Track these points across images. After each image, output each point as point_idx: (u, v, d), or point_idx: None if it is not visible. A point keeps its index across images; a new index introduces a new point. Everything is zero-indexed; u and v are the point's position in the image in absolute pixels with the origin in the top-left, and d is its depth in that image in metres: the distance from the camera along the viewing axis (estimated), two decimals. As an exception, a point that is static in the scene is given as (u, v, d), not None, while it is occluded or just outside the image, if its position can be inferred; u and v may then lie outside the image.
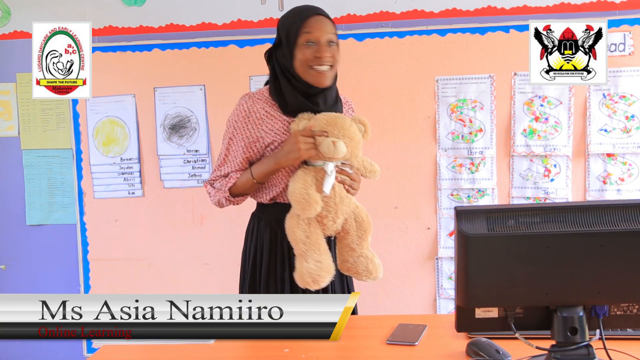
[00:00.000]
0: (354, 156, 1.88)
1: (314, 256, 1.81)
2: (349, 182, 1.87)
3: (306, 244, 1.82)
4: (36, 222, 3.12)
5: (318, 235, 1.84)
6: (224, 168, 1.95)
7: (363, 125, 1.90)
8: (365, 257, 1.90)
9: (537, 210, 1.28)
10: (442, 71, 2.84)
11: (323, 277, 1.80)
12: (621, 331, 1.50)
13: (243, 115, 1.90)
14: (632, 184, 2.76)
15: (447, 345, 1.52)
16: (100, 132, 3.05)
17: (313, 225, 1.83)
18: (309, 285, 1.80)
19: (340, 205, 1.86)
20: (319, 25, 1.85)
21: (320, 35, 1.84)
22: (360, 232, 1.91)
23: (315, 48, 1.84)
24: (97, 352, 1.60)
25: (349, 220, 1.90)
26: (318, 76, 1.85)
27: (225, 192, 1.92)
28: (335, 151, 1.80)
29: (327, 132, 1.82)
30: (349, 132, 1.83)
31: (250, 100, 1.92)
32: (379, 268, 1.92)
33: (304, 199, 1.78)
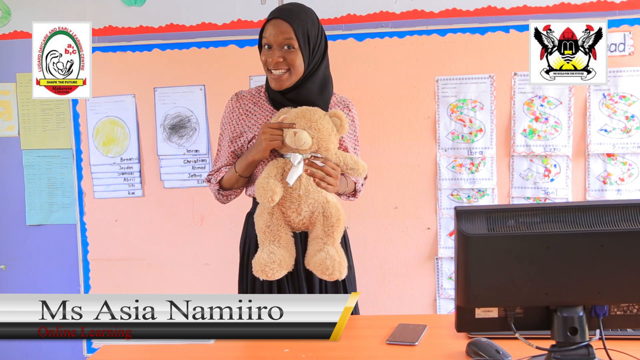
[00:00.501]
0: (324, 148, 1.86)
1: (269, 247, 1.82)
2: (320, 175, 1.85)
3: (265, 233, 1.84)
4: (36, 222, 3.12)
5: (279, 227, 1.84)
6: (217, 164, 2.06)
7: (338, 118, 1.87)
8: (325, 252, 1.82)
9: (537, 210, 1.28)
10: (442, 71, 2.84)
11: (272, 268, 1.79)
12: (621, 331, 1.50)
13: (229, 112, 2.03)
14: (632, 184, 2.76)
15: (447, 345, 1.52)
16: (100, 132, 3.05)
17: (276, 216, 1.85)
18: (259, 274, 1.81)
19: (305, 198, 1.84)
20: (274, 29, 1.88)
21: (273, 40, 1.88)
22: (327, 227, 1.85)
23: (270, 52, 1.90)
24: (97, 352, 1.60)
25: (316, 213, 1.87)
26: (274, 80, 1.91)
27: (215, 186, 2.02)
28: (297, 141, 1.80)
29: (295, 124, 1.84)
30: (317, 123, 1.83)
31: (235, 97, 2.04)
32: (338, 266, 1.81)
33: (262, 187, 1.79)
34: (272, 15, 1.91)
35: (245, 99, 2.02)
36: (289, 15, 1.89)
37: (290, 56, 1.88)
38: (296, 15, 1.90)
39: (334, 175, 1.88)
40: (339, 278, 1.84)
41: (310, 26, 1.92)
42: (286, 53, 1.87)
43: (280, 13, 1.90)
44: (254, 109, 2.00)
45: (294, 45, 1.87)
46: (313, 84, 1.94)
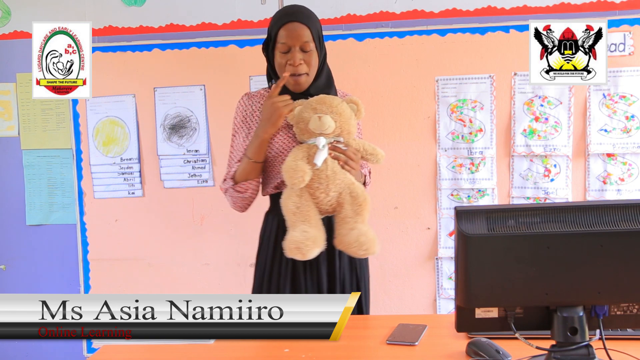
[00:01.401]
0: (346, 132, 1.92)
1: (301, 226, 1.84)
2: (344, 158, 1.90)
3: (295, 214, 1.86)
4: (36, 222, 3.12)
5: (309, 208, 1.87)
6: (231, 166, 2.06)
7: (355, 104, 1.95)
8: (357, 230, 1.86)
9: (537, 210, 1.28)
10: (442, 71, 2.84)
11: (308, 246, 1.81)
12: (621, 331, 1.50)
13: (241, 110, 2.07)
14: (632, 184, 2.76)
15: (447, 345, 1.52)
16: (100, 132, 3.05)
17: (305, 197, 1.88)
18: (294, 254, 1.82)
19: (333, 178, 1.88)
20: (292, 33, 1.92)
21: (293, 44, 1.92)
22: (355, 206, 1.90)
23: (288, 55, 1.93)
24: (97, 352, 1.60)
25: (343, 194, 1.91)
26: (296, 83, 1.95)
27: (229, 182, 2.01)
28: (322, 125, 1.86)
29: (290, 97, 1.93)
30: (338, 108, 1.90)
31: (246, 97, 2.08)
32: (373, 241, 1.87)
33: (292, 169, 1.84)
34: (287, 18, 1.94)
35: (256, 98, 2.06)
36: (304, 18, 1.94)
37: (308, 58, 1.94)
38: (309, 17, 1.96)
39: (355, 159, 1.93)
40: (373, 253, 1.89)
41: (319, 26, 1.99)
42: (305, 55, 1.93)
43: (295, 16, 1.94)
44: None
45: (311, 47, 1.94)
46: (321, 80, 2.01)
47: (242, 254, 2.99)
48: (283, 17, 1.96)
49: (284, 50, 1.94)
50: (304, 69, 1.93)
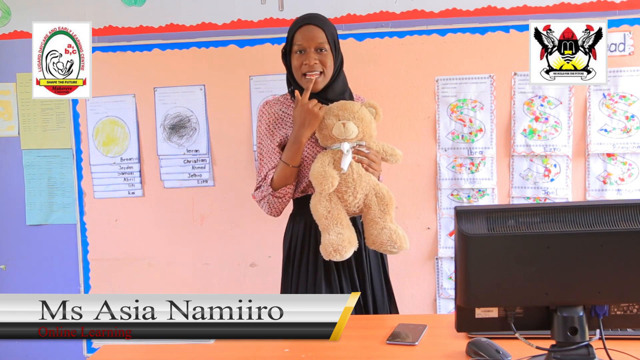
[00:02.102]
0: (368, 136, 2.03)
1: (335, 229, 1.93)
2: (367, 161, 2.00)
3: (328, 218, 1.94)
4: (36, 222, 3.12)
5: (340, 211, 1.96)
6: (262, 172, 2.10)
7: (373, 108, 2.07)
8: (388, 229, 1.98)
9: (537, 210, 1.28)
10: (442, 71, 2.84)
11: (344, 246, 1.91)
12: (621, 331, 1.50)
13: (264, 119, 2.12)
14: (632, 184, 2.76)
15: (447, 345, 1.52)
16: (100, 132, 3.05)
17: (334, 201, 1.96)
18: (331, 255, 1.90)
19: (359, 181, 1.97)
20: (307, 34, 2.03)
21: (308, 45, 2.03)
22: (382, 206, 2.00)
23: (304, 56, 2.03)
24: (97, 352, 1.60)
25: (369, 195, 2.00)
26: (309, 83, 2.03)
27: (268, 189, 2.06)
28: (346, 131, 1.96)
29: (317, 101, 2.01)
30: (359, 114, 2.00)
31: (267, 106, 2.14)
32: (403, 239, 1.99)
33: (321, 175, 1.92)
34: (303, 22, 2.05)
35: (276, 105, 2.14)
36: (319, 21, 2.06)
37: (323, 58, 2.04)
38: (324, 21, 2.08)
39: (377, 161, 2.05)
40: (405, 249, 2.01)
41: (335, 31, 2.09)
42: (320, 56, 2.03)
43: (310, 20, 2.05)
44: (287, 111, 2.12)
45: (326, 48, 2.04)
46: (337, 85, 2.11)
47: (242, 254, 2.99)
48: (299, 21, 2.08)
49: (299, 51, 2.03)
50: (319, 67, 2.03)
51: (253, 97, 2.94)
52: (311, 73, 2.03)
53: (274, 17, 2.91)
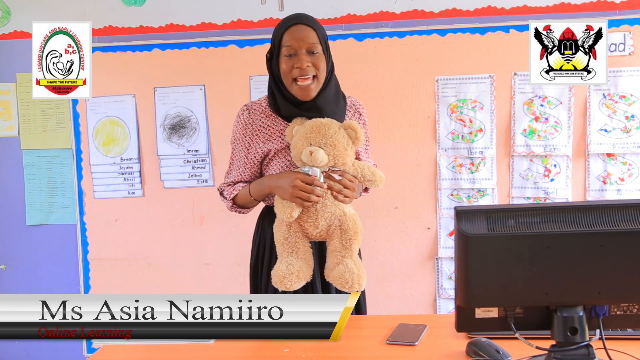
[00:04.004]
0: (341, 163, 1.85)
1: (288, 259, 1.84)
2: (337, 188, 1.85)
3: (284, 245, 1.86)
4: (36, 222, 3.12)
5: (297, 239, 1.86)
6: (230, 176, 2.04)
7: (353, 131, 1.86)
8: (344, 266, 1.83)
9: (537, 210, 1.28)
10: (442, 71, 2.84)
11: (290, 280, 1.80)
12: (621, 331, 1.50)
13: (242, 127, 1.97)
14: (632, 184, 2.76)
15: (447, 345, 1.52)
16: (100, 132, 3.05)
17: (294, 228, 1.87)
18: (277, 285, 1.83)
19: (322, 212, 1.85)
20: (297, 34, 1.84)
21: (298, 46, 1.83)
22: (345, 240, 1.86)
23: (294, 59, 1.84)
24: (97, 352, 1.60)
25: (332, 227, 1.88)
26: (301, 90, 1.86)
27: (229, 202, 2.02)
28: (314, 161, 1.80)
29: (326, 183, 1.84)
30: (332, 139, 1.82)
31: (247, 112, 1.96)
32: (358, 277, 1.82)
33: (281, 204, 1.84)
34: (291, 21, 1.86)
35: (257, 113, 1.95)
36: (309, 20, 1.88)
37: (316, 61, 1.85)
38: (314, 21, 1.90)
39: (352, 187, 1.88)
40: (358, 290, 1.83)
41: (324, 32, 1.92)
42: (312, 58, 1.84)
43: (300, 19, 1.87)
44: (267, 122, 1.94)
45: (318, 49, 1.86)
46: (330, 91, 1.93)
47: (242, 254, 2.98)
48: (287, 21, 1.88)
49: (289, 54, 1.84)
50: (312, 70, 1.84)
51: (253, 97, 2.94)
52: (303, 77, 1.84)
53: (274, 17, 2.91)
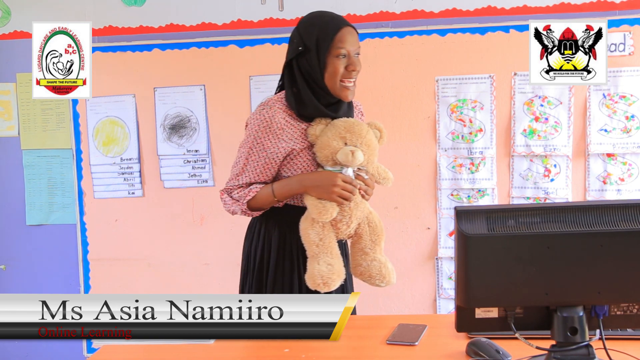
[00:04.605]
0: (370, 162, 1.92)
1: (326, 259, 1.84)
2: (364, 187, 1.89)
3: (319, 246, 1.85)
4: (36, 222, 3.12)
5: (331, 239, 1.87)
6: (242, 177, 1.92)
7: (379, 131, 1.94)
8: (378, 262, 1.91)
9: (537, 210, 1.28)
10: (442, 71, 2.84)
11: (333, 279, 1.82)
12: (621, 331, 1.50)
13: (265, 125, 1.88)
14: (632, 184, 2.76)
15: (447, 345, 1.52)
16: (100, 132, 3.05)
17: (327, 228, 1.87)
18: (319, 287, 1.82)
19: (355, 210, 1.88)
20: (350, 38, 1.86)
21: (352, 49, 1.86)
22: (374, 236, 1.93)
23: (346, 61, 1.86)
24: (97, 352, 1.60)
25: (362, 225, 1.92)
26: (346, 91, 1.88)
27: (243, 205, 1.90)
28: (354, 161, 1.84)
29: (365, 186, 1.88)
30: (366, 139, 1.87)
31: (271, 110, 1.89)
32: (392, 273, 1.93)
33: (321, 204, 1.82)
34: (343, 23, 1.88)
35: (280, 112, 1.89)
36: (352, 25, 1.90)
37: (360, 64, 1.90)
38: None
39: (372, 186, 1.92)
40: (393, 283, 1.94)
41: None
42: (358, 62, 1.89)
43: (347, 22, 1.89)
44: (290, 121, 1.90)
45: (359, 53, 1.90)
46: None
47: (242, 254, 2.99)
48: (336, 22, 1.88)
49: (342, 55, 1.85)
50: (356, 74, 1.89)
51: (253, 97, 2.94)
52: (350, 79, 1.86)
53: (274, 17, 2.91)
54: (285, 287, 1.92)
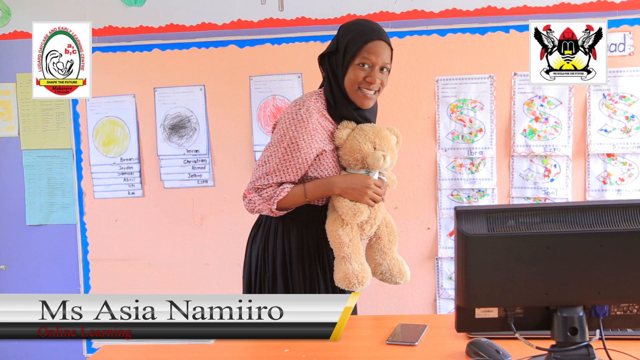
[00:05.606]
0: (392, 167, 2.00)
1: (357, 259, 1.91)
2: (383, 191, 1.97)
3: (349, 247, 1.91)
4: (36, 222, 3.12)
5: (358, 240, 1.94)
6: (272, 176, 1.90)
7: (397, 137, 2.02)
8: (397, 260, 2.00)
9: (537, 210, 1.28)
10: (442, 71, 2.84)
11: (367, 278, 1.90)
12: (621, 331, 1.50)
13: (301, 125, 1.87)
14: (632, 184, 2.76)
15: (447, 345, 1.52)
16: (100, 132, 3.05)
17: (355, 230, 1.93)
18: (354, 286, 1.87)
19: (378, 211, 1.97)
20: (378, 50, 1.89)
21: (377, 62, 1.89)
22: (391, 236, 2.02)
23: (368, 72, 1.89)
24: (97, 352, 1.60)
25: (381, 226, 2.00)
26: (363, 99, 1.93)
27: (272, 204, 1.89)
28: (384, 165, 1.92)
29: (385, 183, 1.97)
30: (391, 144, 1.96)
31: (307, 112, 1.89)
32: (408, 270, 2.02)
33: (355, 206, 1.89)
34: (375, 35, 1.89)
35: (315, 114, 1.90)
36: (387, 37, 1.93)
37: (384, 79, 1.93)
38: (388, 38, 1.94)
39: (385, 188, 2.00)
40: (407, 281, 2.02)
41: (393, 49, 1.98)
42: (382, 75, 1.92)
43: (381, 35, 1.91)
44: (322, 122, 1.92)
45: (388, 68, 1.94)
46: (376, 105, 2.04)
47: (242, 254, 2.98)
48: (370, 32, 1.89)
49: (364, 65, 1.88)
50: (377, 87, 1.93)
51: (253, 97, 2.94)
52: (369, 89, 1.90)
53: (274, 17, 2.91)
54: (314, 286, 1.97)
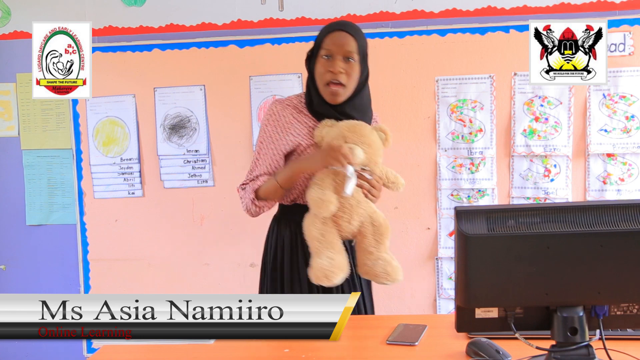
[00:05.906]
0: (373, 162, 1.94)
1: (327, 253, 1.86)
2: (367, 187, 1.91)
3: (320, 241, 1.88)
4: (36, 222, 3.12)
5: (333, 235, 1.89)
6: (255, 171, 2.00)
7: (384, 133, 1.96)
8: (383, 260, 1.92)
9: (537, 210, 1.28)
10: (442, 71, 2.84)
11: (335, 273, 1.84)
12: (621, 331, 1.50)
13: (273, 119, 1.98)
14: (632, 184, 2.76)
15: (447, 345, 1.52)
16: (100, 132, 3.05)
17: (328, 224, 1.89)
18: (321, 281, 1.84)
19: (356, 208, 1.90)
20: (337, 40, 1.91)
21: (336, 51, 1.91)
22: (378, 235, 1.93)
23: (330, 62, 1.91)
24: (97, 352, 1.60)
25: (365, 223, 1.93)
26: (331, 94, 1.93)
27: (251, 194, 1.98)
28: (353, 157, 1.85)
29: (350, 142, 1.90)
30: (368, 139, 1.90)
31: (280, 106, 2.00)
32: (397, 270, 1.93)
33: (320, 199, 1.84)
34: (335, 27, 1.94)
35: (288, 108, 2.00)
36: (352, 29, 1.94)
37: (349, 69, 1.92)
38: (357, 30, 1.96)
39: (378, 187, 1.95)
40: (399, 281, 1.94)
41: (366, 44, 1.98)
42: (346, 65, 1.91)
43: (343, 26, 1.94)
44: (298, 117, 1.99)
45: (354, 58, 1.92)
46: (359, 101, 2.00)
47: (242, 254, 2.99)
48: (332, 26, 1.96)
49: (325, 57, 1.92)
50: (343, 78, 1.91)
51: (253, 97, 2.94)
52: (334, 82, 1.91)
53: (274, 17, 2.91)
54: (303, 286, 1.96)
